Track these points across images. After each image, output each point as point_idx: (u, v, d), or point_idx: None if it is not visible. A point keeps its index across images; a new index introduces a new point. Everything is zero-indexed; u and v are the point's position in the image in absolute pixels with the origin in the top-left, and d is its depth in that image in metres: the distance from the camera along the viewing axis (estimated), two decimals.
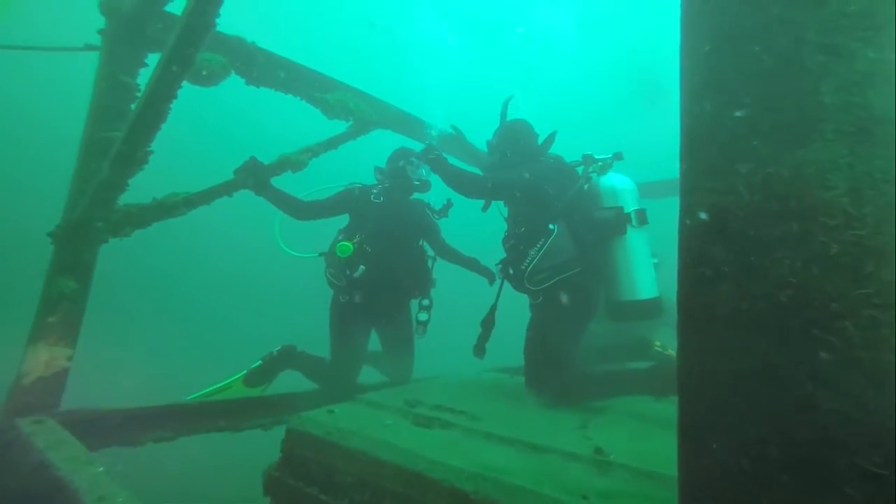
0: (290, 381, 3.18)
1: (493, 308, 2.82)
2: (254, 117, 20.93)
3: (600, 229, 2.68)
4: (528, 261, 2.57)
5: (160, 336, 14.38)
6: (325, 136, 3.17)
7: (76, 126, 2.35)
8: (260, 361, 3.27)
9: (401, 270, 3.25)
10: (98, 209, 2.12)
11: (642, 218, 2.70)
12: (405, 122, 3.72)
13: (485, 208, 3.06)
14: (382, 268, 3.13)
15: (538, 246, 2.57)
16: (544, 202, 2.69)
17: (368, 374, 3.68)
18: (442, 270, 3.57)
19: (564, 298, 2.60)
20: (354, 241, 3.05)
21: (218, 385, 3.10)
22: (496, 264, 2.82)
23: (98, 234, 2.06)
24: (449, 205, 3.34)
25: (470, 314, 3.14)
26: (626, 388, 2.53)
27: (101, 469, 1.45)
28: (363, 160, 3.66)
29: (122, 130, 2.11)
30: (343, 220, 3.35)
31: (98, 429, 2.09)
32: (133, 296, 15.59)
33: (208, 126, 21.34)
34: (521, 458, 1.81)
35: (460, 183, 2.76)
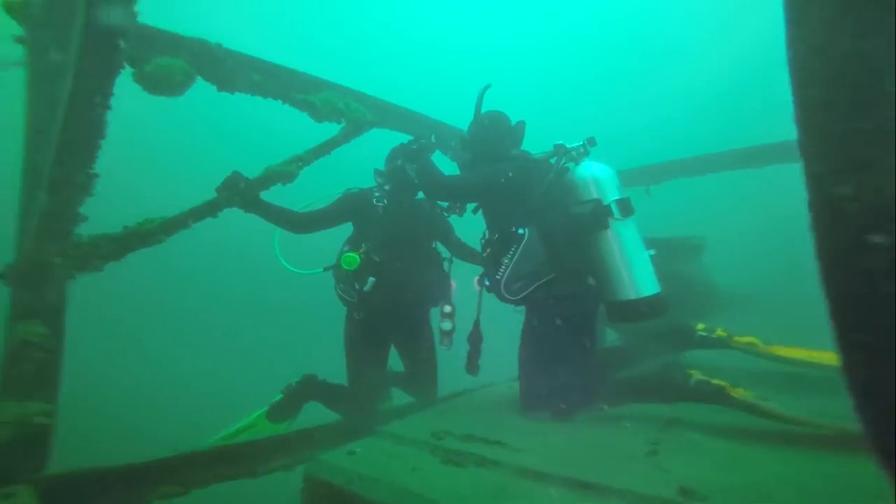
0: (309, 413, 2.95)
1: (477, 322, 2.71)
2: (257, 113, 20.68)
3: (578, 227, 2.43)
4: (502, 270, 2.40)
5: (168, 348, 14.41)
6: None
7: None
8: (281, 395, 3.05)
9: (415, 278, 2.96)
10: (49, 243, 1.85)
11: (626, 208, 2.44)
12: (406, 119, 3.37)
13: (454, 211, 2.98)
14: (394, 277, 2.85)
15: (510, 253, 2.39)
16: (512, 205, 2.49)
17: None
18: (461, 273, 3.25)
19: (548, 306, 2.40)
20: (361, 251, 2.77)
21: (240, 425, 2.89)
22: (474, 277, 2.70)
23: (59, 270, 1.81)
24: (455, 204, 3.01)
25: (496, 317, 2.82)
26: (633, 398, 2.32)
27: None
28: (367, 162, 3.36)
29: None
30: (347, 230, 3.07)
31: (92, 492, 1.86)
32: (141, 305, 15.58)
33: (203, 128, 20.69)
34: None
35: (424, 181, 2.65)
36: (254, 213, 2.61)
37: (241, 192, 2.45)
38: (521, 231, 2.40)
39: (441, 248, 3.27)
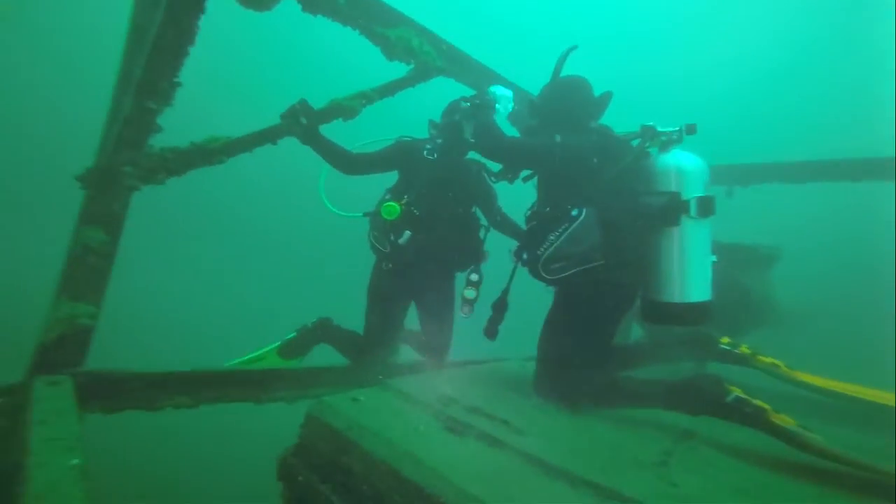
0: (319, 355, 2.98)
1: (506, 292, 2.51)
2: (310, 55, 20.15)
3: (644, 218, 2.22)
4: (545, 246, 2.19)
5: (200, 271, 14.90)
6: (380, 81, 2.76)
7: None
8: (295, 333, 3.09)
9: (450, 239, 2.87)
10: (125, 151, 1.88)
11: (706, 207, 2.18)
12: (476, 73, 3.18)
13: (505, 177, 2.68)
14: (430, 235, 2.77)
15: (559, 231, 2.17)
16: (576, 181, 2.26)
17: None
18: (495, 243, 3.14)
19: (584, 293, 2.24)
20: (402, 202, 2.69)
21: (251, 355, 2.96)
22: (510, 249, 2.45)
23: (127, 180, 1.83)
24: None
25: (522, 294, 2.72)
26: (655, 401, 2.14)
27: (75, 462, 1.22)
28: (423, 112, 3.22)
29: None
30: (392, 178, 2.98)
31: (118, 391, 1.97)
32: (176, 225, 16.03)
33: (259, 61, 20.72)
34: None
35: (482, 140, 2.40)
36: (311, 145, 2.55)
37: (304, 122, 2.38)
38: (575, 212, 2.19)
39: (480, 214, 3.16)
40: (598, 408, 2.24)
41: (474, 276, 2.97)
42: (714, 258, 2.27)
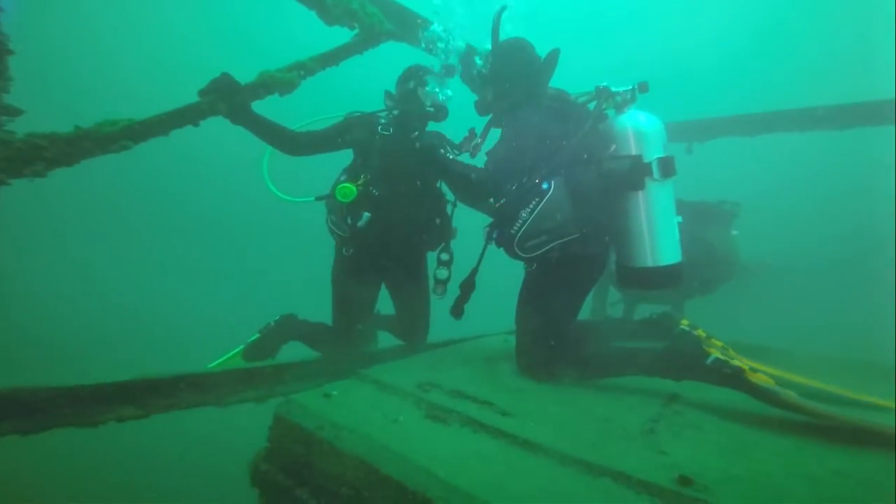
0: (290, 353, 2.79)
1: (474, 272, 2.39)
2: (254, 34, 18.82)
3: (609, 183, 2.17)
4: (518, 224, 2.11)
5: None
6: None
7: None
8: (258, 334, 2.89)
9: (414, 218, 2.71)
10: None
11: (667, 168, 2.15)
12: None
13: (467, 149, 2.58)
14: (392, 215, 2.60)
15: (530, 207, 2.09)
16: (539, 156, 2.18)
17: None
18: (463, 218, 3.00)
19: (561, 266, 2.18)
20: (359, 182, 2.49)
21: (214, 363, 2.74)
22: (483, 226, 2.35)
23: None
24: (472, 137, 2.63)
25: (496, 269, 2.61)
26: (631, 367, 2.14)
27: None
28: (375, 82, 2.98)
29: None
30: (347, 157, 2.77)
31: (34, 409, 1.69)
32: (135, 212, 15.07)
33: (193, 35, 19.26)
34: (568, 484, 1.36)
35: (454, 186, 2.47)
36: (241, 124, 2.29)
37: (228, 98, 2.12)
38: (545, 185, 2.10)
39: (446, 189, 3.00)
40: (583, 379, 2.20)
41: (444, 256, 2.83)
42: (679, 219, 2.25)
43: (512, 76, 2.35)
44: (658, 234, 2.17)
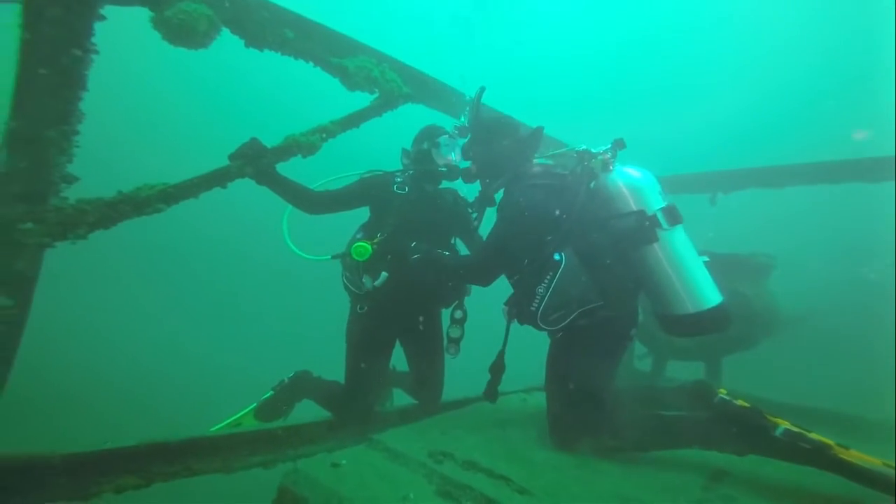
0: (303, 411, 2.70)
1: (502, 353, 2.36)
2: (270, 89, 19.46)
3: (622, 243, 2.13)
4: (536, 301, 2.08)
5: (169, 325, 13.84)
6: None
7: None
8: (271, 392, 2.83)
9: (430, 276, 2.67)
10: (14, 206, 1.58)
11: (673, 216, 2.12)
12: (446, 97, 3.04)
13: (482, 207, 2.59)
14: (408, 273, 2.57)
15: (545, 282, 2.06)
16: (543, 232, 2.18)
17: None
18: None
19: (589, 330, 2.12)
20: (375, 241, 2.50)
21: (225, 422, 2.69)
22: (503, 305, 2.31)
23: (31, 237, 1.59)
24: (490, 195, 2.65)
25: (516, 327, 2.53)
26: (683, 439, 1.96)
27: None
28: (396, 142, 3.06)
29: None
30: (364, 215, 2.80)
31: (34, 478, 1.63)
32: (141, 278, 15.20)
33: (213, 99, 20.13)
34: None
35: (458, 276, 2.53)
36: (266, 185, 2.36)
37: (255, 162, 2.20)
38: (557, 257, 2.08)
39: (461, 245, 2.98)
40: (625, 451, 2.06)
41: (458, 314, 2.77)
42: (706, 258, 2.19)
43: (496, 160, 2.40)
44: (689, 279, 2.10)
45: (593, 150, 2.29)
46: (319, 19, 2.42)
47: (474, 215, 2.72)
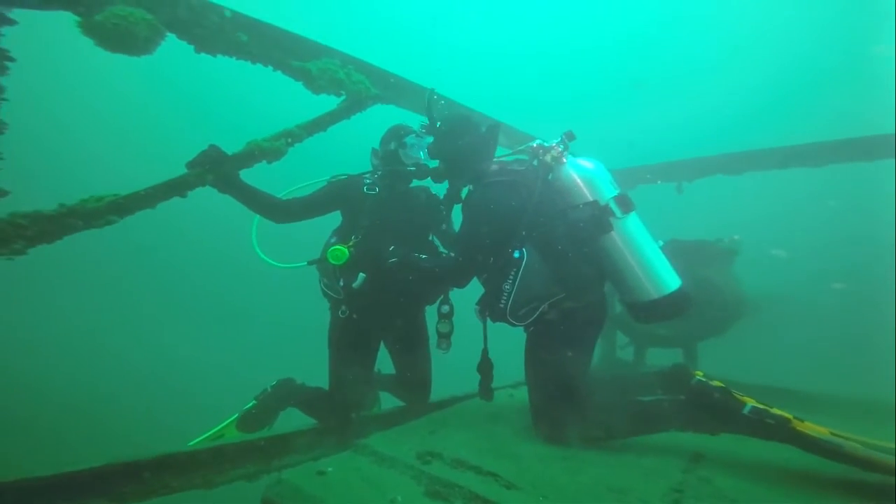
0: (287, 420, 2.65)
1: (485, 352, 2.43)
2: (248, 93, 19.17)
3: (579, 234, 2.16)
4: (504, 298, 2.12)
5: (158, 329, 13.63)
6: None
7: None
8: (254, 401, 2.77)
9: (408, 278, 2.65)
10: None
11: (625, 203, 2.17)
12: (415, 95, 3.00)
13: (452, 202, 2.57)
14: (386, 273, 2.54)
15: (510, 279, 2.11)
16: (505, 229, 2.21)
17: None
18: None
19: (560, 322, 2.20)
20: (350, 244, 2.47)
21: (206, 434, 2.62)
22: (475, 305, 2.35)
23: None
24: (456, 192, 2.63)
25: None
26: (662, 423, 2.02)
27: None
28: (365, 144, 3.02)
29: None
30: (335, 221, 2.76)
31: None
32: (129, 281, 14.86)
33: (190, 104, 19.87)
34: None
35: (439, 279, 2.46)
36: (229, 193, 2.30)
37: (215, 169, 2.14)
38: (517, 254, 2.12)
39: (438, 242, 2.97)
40: (608, 439, 2.10)
41: (445, 308, 2.75)
42: (661, 242, 2.24)
43: (457, 159, 2.42)
44: (648, 265, 2.15)
45: (546, 145, 2.33)
46: (281, 23, 2.37)
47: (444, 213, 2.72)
